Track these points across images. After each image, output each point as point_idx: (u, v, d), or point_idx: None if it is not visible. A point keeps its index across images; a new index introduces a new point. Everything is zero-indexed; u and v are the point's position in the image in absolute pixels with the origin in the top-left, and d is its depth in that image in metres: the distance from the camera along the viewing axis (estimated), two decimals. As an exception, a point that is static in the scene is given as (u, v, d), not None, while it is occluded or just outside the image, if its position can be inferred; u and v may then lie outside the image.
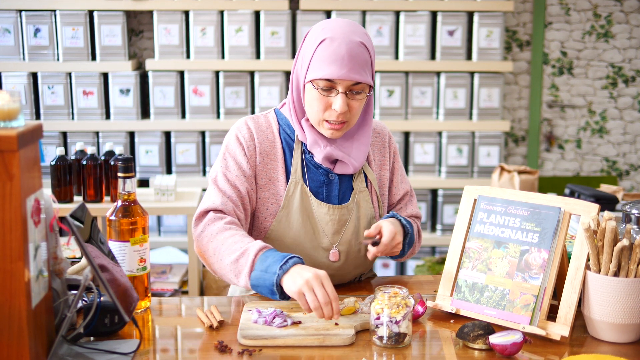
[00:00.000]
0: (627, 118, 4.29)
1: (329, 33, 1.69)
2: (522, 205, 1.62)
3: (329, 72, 1.66)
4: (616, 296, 1.48)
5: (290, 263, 1.55)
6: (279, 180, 1.80)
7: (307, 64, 1.71)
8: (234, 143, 1.80)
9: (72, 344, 1.43)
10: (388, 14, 3.83)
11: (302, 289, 1.50)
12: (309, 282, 1.50)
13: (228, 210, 1.73)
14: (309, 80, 1.70)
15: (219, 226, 1.68)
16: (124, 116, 3.84)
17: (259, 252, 1.60)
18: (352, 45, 1.67)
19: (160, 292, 3.35)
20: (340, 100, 1.68)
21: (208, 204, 1.74)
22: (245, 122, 1.82)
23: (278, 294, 1.56)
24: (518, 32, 4.19)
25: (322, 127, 1.74)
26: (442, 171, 3.97)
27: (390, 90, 3.88)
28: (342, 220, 1.81)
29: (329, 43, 1.67)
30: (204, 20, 3.78)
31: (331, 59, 1.66)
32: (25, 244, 1.25)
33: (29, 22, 3.73)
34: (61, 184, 3.06)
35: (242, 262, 1.60)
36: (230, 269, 1.63)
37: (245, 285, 1.61)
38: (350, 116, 1.73)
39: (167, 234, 3.95)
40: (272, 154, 1.81)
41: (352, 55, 1.66)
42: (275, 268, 1.55)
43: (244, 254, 1.60)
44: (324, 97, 1.70)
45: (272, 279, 1.55)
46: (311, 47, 1.71)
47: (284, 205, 1.78)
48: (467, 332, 1.48)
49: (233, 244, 1.63)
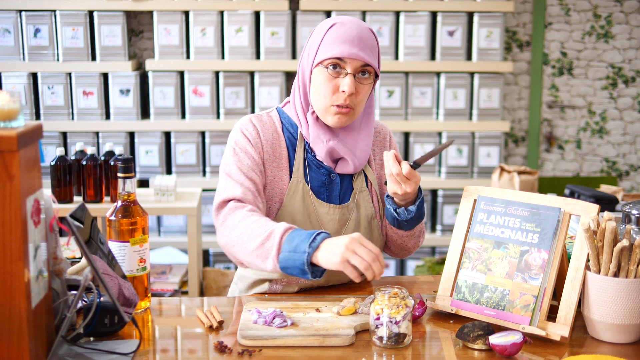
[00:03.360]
0: (627, 118, 4.29)
1: (339, 20, 1.75)
2: (522, 206, 1.62)
3: (340, 50, 1.69)
4: (616, 297, 1.48)
5: (318, 239, 1.52)
6: (282, 178, 1.80)
7: (315, 50, 1.73)
8: (242, 139, 1.78)
9: (72, 344, 1.43)
10: (388, 14, 3.83)
11: (345, 256, 1.47)
12: (348, 246, 1.47)
13: (248, 199, 1.70)
14: (319, 61, 1.72)
15: (242, 214, 1.65)
16: (124, 116, 3.84)
17: (285, 232, 1.56)
18: (361, 29, 1.73)
19: (160, 292, 3.35)
20: (348, 80, 1.70)
21: (227, 194, 1.70)
22: (250, 119, 1.82)
23: (309, 272, 1.53)
24: (518, 33, 4.19)
25: (329, 113, 1.74)
26: (442, 171, 3.97)
27: (390, 90, 3.88)
28: (343, 219, 1.81)
29: (339, 26, 1.72)
30: (204, 21, 3.78)
31: (342, 40, 1.70)
32: (25, 244, 1.25)
33: (29, 22, 3.73)
34: (61, 184, 3.06)
35: (268, 245, 1.57)
36: (257, 254, 1.59)
37: (273, 268, 1.58)
38: (357, 102, 1.74)
39: (167, 234, 3.95)
40: (277, 151, 1.80)
41: (362, 37, 1.71)
42: (304, 247, 1.52)
43: (269, 236, 1.57)
44: (332, 79, 1.71)
45: (302, 258, 1.52)
46: (320, 33, 1.74)
47: (286, 204, 1.78)
48: (467, 332, 1.48)
49: (257, 228, 1.60)
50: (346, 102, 1.72)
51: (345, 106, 1.72)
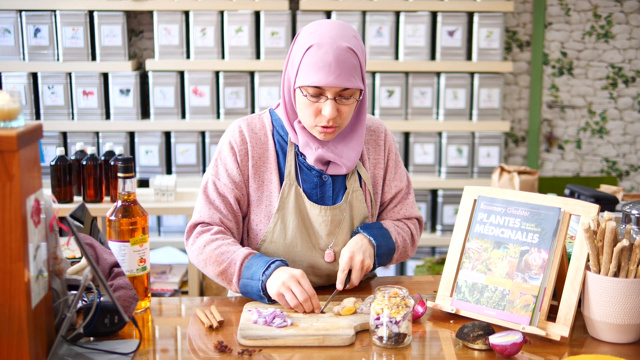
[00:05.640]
0: (627, 118, 4.29)
1: (316, 39, 1.67)
2: (522, 206, 1.62)
3: (317, 79, 1.65)
4: (616, 297, 1.48)
5: (272, 268, 1.65)
6: (272, 182, 1.80)
7: (295, 69, 1.71)
8: (226, 148, 1.82)
9: (72, 344, 1.43)
10: (388, 14, 3.83)
11: (280, 290, 1.60)
12: (285, 283, 1.60)
13: (214, 221, 1.79)
14: (298, 86, 1.70)
15: (206, 238, 1.75)
16: (124, 116, 3.84)
17: (243, 260, 1.69)
18: (339, 51, 1.65)
19: (160, 292, 3.35)
20: (329, 106, 1.68)
21: (196, 217, 1.81)
22: (239, 125, 1.84)
23: (266, 298, 1.66)
24: (518, 33, 4.19)
25: (314, 130, 1.75)
26: (442, 171, 3.97)
27: (390, 90, 3.88)
28: (336, 220, 1.81)
29: (316, 49, 1.66)
30: (204, 21, 3.78)
31: (318, 66, 1.65)
32: (25, 244, 1.25)
33: (29, 22, 3.73)
34: (61, 184, 3.06)
35: (230, 272, 1.70)
36: (222, 279, 1.73)
37: (236, 291, 1.72)
38: (341, 120, 1.73)
39: (167, 234, 3.95)
40: (264, 156, 1.81)
41: (339, 61, 1.65)
42: (258, 274, 1.65)
43: (230, 264, 1.69)
44: (313, 103, 1.69)
45: (257, 286, 1.65)
46: (299, 53, 1.70)
47: (279, 207, 1.79)
48: (467, 332, 1.48)
49: (220, 255, 1.71)
50: (329, 123, 1.71)
51: (330, 126, 1.72)
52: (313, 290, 1.61)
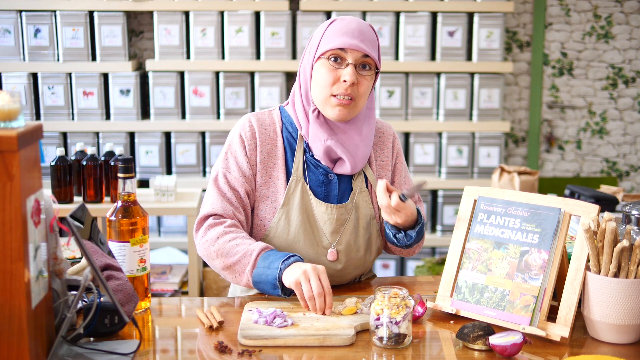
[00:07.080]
0: (627, 119, 4.29)
1: (340, 17, 1.80)
2: (522, 206, 1.62)
3: (341, 41, 1.72)
4: (616, 297, 1.48)
5: (292, 260, 1.64)
6: (279, 178, 1.81)
7: (316, 45, 1.77)
8: (236, 142, 1.83)
9: (72, 345, 1.43)
10: (388, 14, 3.83)
11: (299, 279, 1.57)
12: (307, 272, 1.58)
13: (227, 214, 1.77)
14: (320, 54, 1.75)
15: (220, 230, 1.73)
16: (124, 117, 3.84)
17: (261, 251, 1.68)
18: (361, 24, 1.76)
19: (160, 292, 3.35)
20: (350, 70, 1.72)
21: (208, 209, 1.78)
22: (249, 119, 1.85)
23: (280, 288, 1.63)
24: (518, 33, 4.19)
25: (329, 104, 1.75)
26: (442, 172, 3.97)
27: (390, 90, 3.88)
28: (341, 219, 1.81)
29: (339, 21, 1.77)
30: (204, 21, 3.78)
31: (342, 32, 1.74)
32: (25, 244, 1.25)
33: (29, 23, 3.73)
34: (61, 185, 3.06)
35: (243, 262, 1.68)
36: (229, 272, 1.71)
37: (246, 283, 1.69)
38: (358, 94, 1.75)
39: (167, 234, 3.95)
40: (273, 152, 1.82)
41: (362, 30, 1.75)
42: (277, 263, 1.63)
43: (245, 255, 1.68)
44: (334, 70, 1.73)
45: (274, 274, 1.62)
46: (321, 30, 1.79)
47: (285, 203, 1.79)
48: (467, 332, 1.48)
49: (235, 246, 1.70)
50: (347, 91, 1.73)
51: (347, 96, 1.73)
52: (330, 289, 1.59)
